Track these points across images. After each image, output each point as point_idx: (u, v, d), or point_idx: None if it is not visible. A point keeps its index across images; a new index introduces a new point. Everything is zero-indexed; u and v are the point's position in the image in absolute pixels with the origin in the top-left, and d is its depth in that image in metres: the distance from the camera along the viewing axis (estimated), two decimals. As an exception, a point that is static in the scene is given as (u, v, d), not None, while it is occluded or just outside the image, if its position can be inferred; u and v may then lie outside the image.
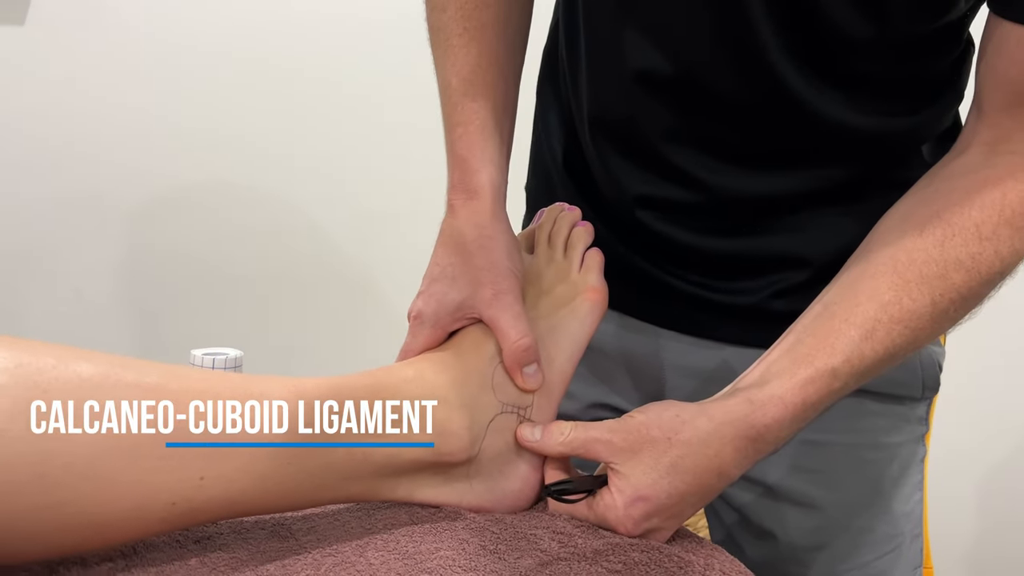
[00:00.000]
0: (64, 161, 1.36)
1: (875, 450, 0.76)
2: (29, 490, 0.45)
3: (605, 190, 0.77)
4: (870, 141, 0.70)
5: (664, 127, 0.71)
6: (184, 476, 0.50)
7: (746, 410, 0.60)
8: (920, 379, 0.75)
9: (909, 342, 0.61)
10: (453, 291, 0.66)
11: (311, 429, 0.55)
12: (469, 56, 0.71)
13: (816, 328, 0.62)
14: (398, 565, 0.53)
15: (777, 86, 0.66)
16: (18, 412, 0.45)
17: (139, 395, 0.49)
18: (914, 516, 0.78)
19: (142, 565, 0.51)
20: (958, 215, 0.61)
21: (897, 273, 0.62)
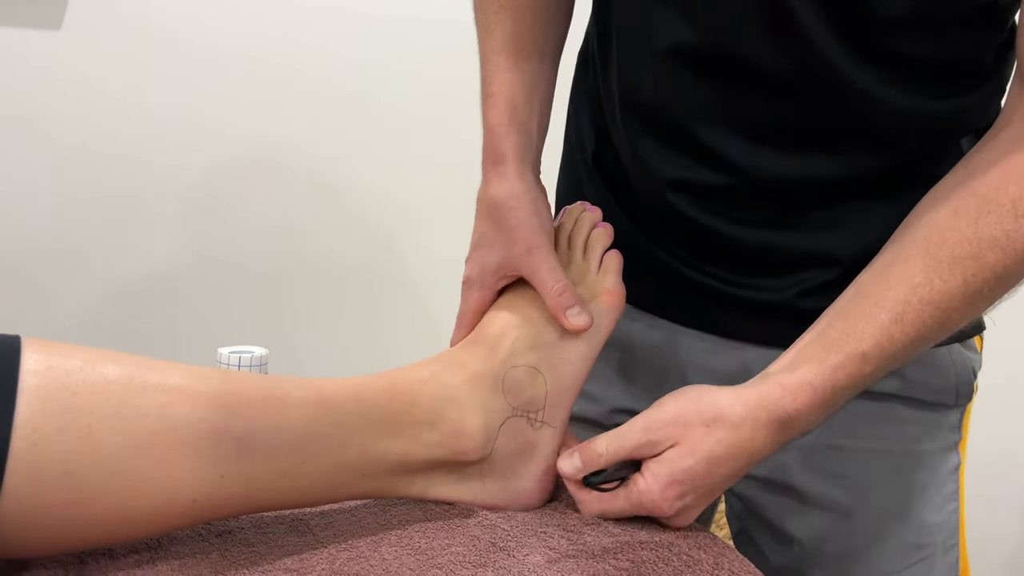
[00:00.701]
0: (98, 162, 1.39)
1: (905, 457, 0.74)
2: (57, 487, 0.47)
3: (635, 179, 0.77)
4: (907, 123, 0.67)
5: (696, 106, 0.70)
6: (205, 474, 0.52)
7: (777, 395, 0.60)
8: (953, 386, 0.74)
9: (940, 324, 0.60)
10: (491, 253, 0.70)
11: (329, 429, 0.57)
12: (504, 30, 0.74)
13: (847, 312, 0.62)
14: (410, 560, 0.55)
15: (814, 59, 0.64)
16: (49, 412, 0.47)
17: (164, 396, 0.51)
18: (948, 527, 0.76)
19: (166, 558, 0.54)
20: (994, 191, 0.59)
21: (929, 254, 0.60)
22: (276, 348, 1.02)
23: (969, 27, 0.66)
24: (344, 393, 0.59)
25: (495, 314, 0.70)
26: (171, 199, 1.44)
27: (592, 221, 0.74)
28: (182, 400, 0.52)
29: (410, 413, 0.61)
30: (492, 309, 0.70)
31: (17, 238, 1.35)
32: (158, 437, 0.50)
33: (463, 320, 0.71)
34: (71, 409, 0.48)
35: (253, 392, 0.55)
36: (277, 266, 1.52)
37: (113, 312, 1.42)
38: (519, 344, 0.66)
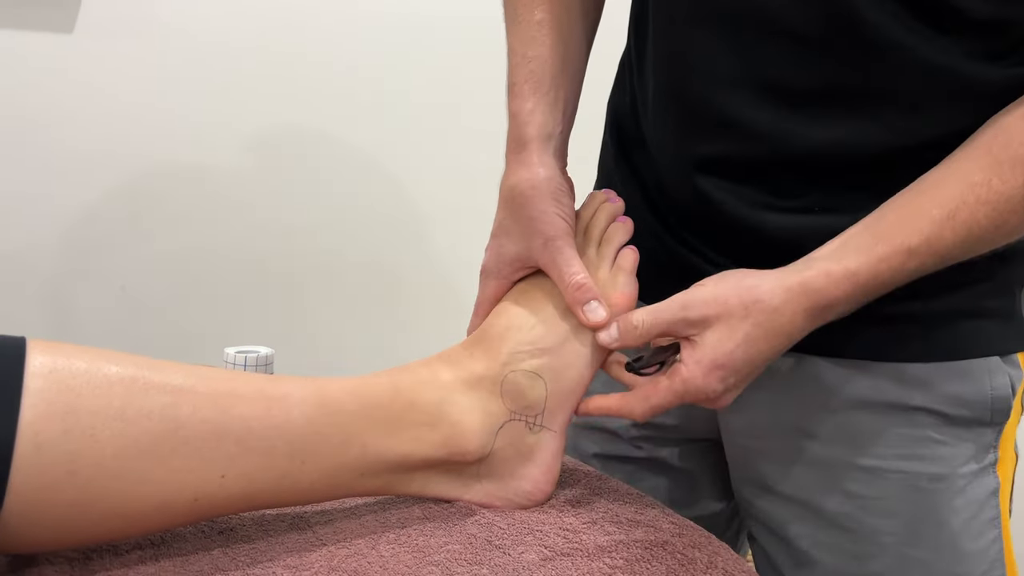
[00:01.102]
0: (109, 163, 1.41)
1: (936, 480, 0.70)
2: (62, 487, 0.48)
3: (662, 164, 0.75)
4: (946, 84, 0.64)
5: (721, 70, 0.68)
6: (206, 475, 0.53)
7: (821, 284, 0.61)
8: (988, 401, 0.70)
9: (996, 226, 0.59)
10: (509, 243, 0.69)
11: (329, 429, 0.58)
12: (531, 23, 0.73)
13: (901, 205, 0.61)
14: (408, 558, 0.56)
15: (845, 13, 0.62)
16: (53, 414, 0.48)
17: (167, 397, 0.52)
18: (988, 556, 0.71)
19: (169, 554, 0.55)
20: None
21: (992, 154, 0.59)
22: (282, 348, 1.03)
23: None
24: (345, 393, 0.60)
25: (503, 309, 0.69)
26: (181, 198, 1.46)
27: (612, 213, 0.72)
28: (184, 401, 0.53)
29: (410, 413, 0.61)
30: (503, 301, 0.69)
31: (30, 236, 1.37)
32: (160, 438, 0.51)
33: (480, 309, 0.71)
34: (75, 411, 0.49)
35: (254, 392, 0.56)
36: (283, 265, 1.54)
37: (122, 310, 1.44)
38: (521, 347, 0.66)
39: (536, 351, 0.66)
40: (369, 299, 1.60)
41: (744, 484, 0.79)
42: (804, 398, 0.73)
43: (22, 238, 1.37)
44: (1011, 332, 0.71)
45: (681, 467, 0.84)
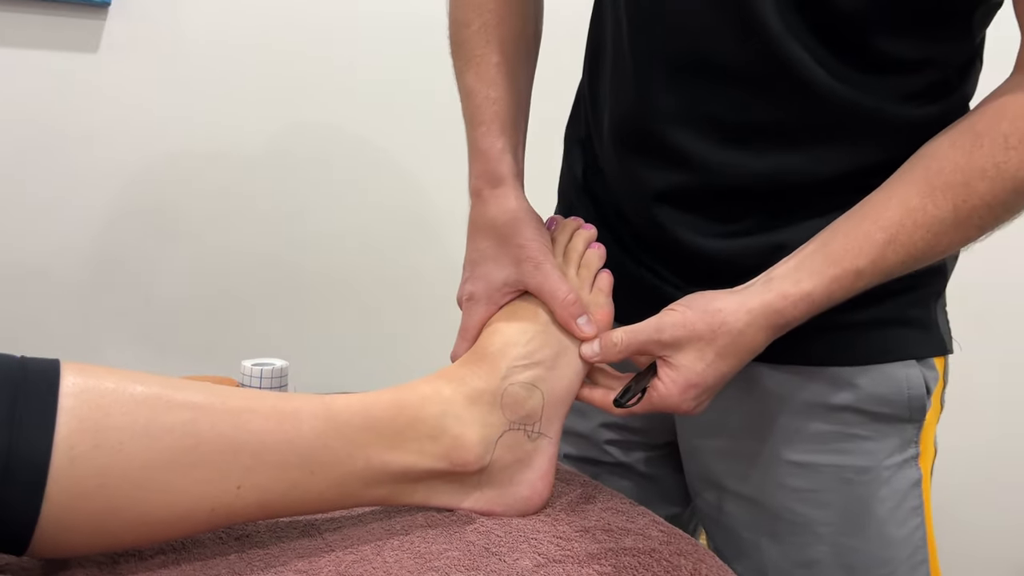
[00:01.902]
0: (133, 177, 1.45)
1: (863, 472, 0.77)
2: (92, 497, 0.53)
3: (622, 195, 0.81)
4: (875, 124, 0.71)
5: (667, 108, 0.74)
6: (224, 486, 0.57)
7: (781, 305, 0.67)
8: (906, 400, 0.76)
9: (930, 246, 0.66)
10: (498, 269, 0.75)
11: (337, 442, 0.62)
12: (491, 65, 0.79)
13: (848, 229, 0.67)
14: (410, 563, 0.60)
15: (780, 59, 0.69)
16: (84, 430, 0.52)
17: (188, 414, 0.56)
18: (913, 541, 0.78)
19: (189, 559, 0.59)
20: (989, 127, 0.64)
21: (926, 180, 0.65)
22: (296, 359, 1.07)
23: (938, 34, 0.69)
24: (351, 409, 0.64)
25: (496, 329, 0.74)
26: (201, 211, 1.50)
27: (587, 239, 0.78)
28: (203, 417, 0.57)
29: (413, 427, 0.65)
30: (492, 323, 0.74)
31: (56, 249, 1.41)
32: (181, 452, 0.56)
33: (467, 334, 0.75)
34: (104, 427, 0.53)
35: (267, 409, 0.60)
36: (299, 278, 1.58)
37: (144, 321, 1.48)
38: (518, 361, 0.71)
39: (532, 364, 0.71)
40: (381, 311, 1.64)
41: (695, 480, 0.86)
42: (748, 401, 0.79)
43: (49, 249, 1.41)
44: (927, 339, 0.78)
45: (645, 472, 0.91)
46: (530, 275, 0.73)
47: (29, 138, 1.38)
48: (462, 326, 0.76)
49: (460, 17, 0.80)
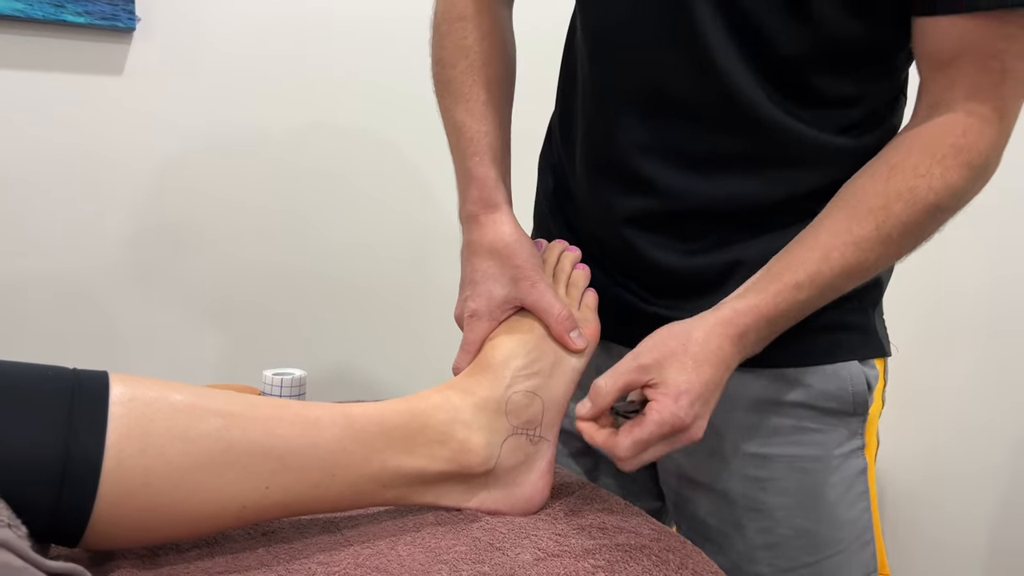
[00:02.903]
0: (157, 193, 1.51)
1: (815, 461, 0.84)
2: (137, 495, 0.59)
3: (593, 218, 0.88)
4: (817, 153, 0.79)
5: (635, 139, 0.82)
6: (253, 486, 0.63)
7: (730, 316, 0.74)
8: (850, 396, 0.84)
9: (860, 262, 0.74)
10: (497, 288, 0.82)
11: (355, 447, 0.68)
12: (480, 102, 0.87)
13: (787, 253, 0.76)
14: (422, 557, 0.66)
15: (733, 96, 0.77)
16: (131, 435, 0.59)
17: (221, 420, 0.63)
18: (860, 523, 0.86)
19: (222, 552, 0.65)
20: (900, 159, 0.74)
21: (850, 207, 0.74)
22: (313, 368, 1.13)
23: (867, 73, 0.79)
24: (368, 416, 0.70)
25: (498, 343, 0.80)
26: (220, 228, 1.56)
27: (573, 261, 0.86)
28: (235, 424, 0.63)
29: (424, 433, 0.72)
30: (493, 338, 0.81)
31: (86, 264, 1.47)
32: (216, 456, 0.62)
33: (470, 348, 0.82)
34: (148, 433, 0.59)
35: (292, 417, 0.67)
36: (315, 291, 1.63)
37: (172, 332, 1.54)
38: (520, 372, 0.77)
39: (532, 374, 0.78)
40: (395, 322, 1.70)
41: (667, 475, 0.92)
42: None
43: (75, 264, 1.46)
44: (867, 342, 0.86)
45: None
46: (527, 293, 0.80)
47: (58, 156, 1.44)
48: (464, 340, 0.82)
49: (446, 58, 0.88)
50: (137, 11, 1.44)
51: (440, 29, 0.89)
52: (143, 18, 1.46)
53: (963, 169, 0.72)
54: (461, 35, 0.87)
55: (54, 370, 0.61)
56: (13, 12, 1.36)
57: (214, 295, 1.57)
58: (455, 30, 0.88)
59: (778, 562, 0.85)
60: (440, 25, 0.90)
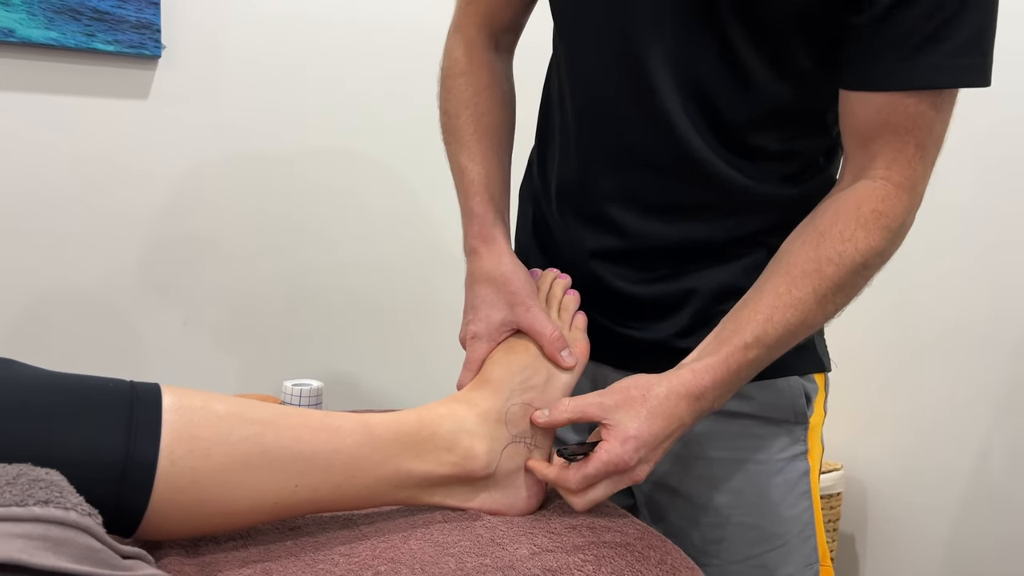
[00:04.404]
0: (180, 211, 1.59)
1: (759, 463, 0.95)
2: (186, 492, 0.67)
3: (565, 250, 0.98)
4: (760, 202, 0.90)
5: (602, 188, 0.93)
6: (284, 485, 0.72)
7: (688, 378, 0.82)
8: (791, 407, 0.95)
9: (801, 322, 0.82)
10: (495, 312, 0.91)
11: (372, 452, 0.77)
12: (480, 149, 0.98)
13: (734, 317, 0.84)
14: (431, 550, 0.75)
15: (690, 155, 0.88)
16: (181, 439, 0.67)
17: (257, 427, 0.71)
18: (802, 520, 0.96)
19: (255, 544, 0.74)
20: (827, 226, 0.83)
21: (788, 273, 0.83)
22: (328, 380, 1.20)
23: (803, 131, 0.89)
24: (384, 424, 0.79)
25: (497, 360, 0.89)
26: (238, 243, 1.65)
27: (564, 287, 0.95)
28: (269, 431, 0.72)
29: (433, 440, 0.80)
30: (493, 356, 0.90)
31: (111, 278, 1.56)
32: (253, 458, 0.70)
33: (472, 366, 0.91)
34: (195, 437, 0.68)
35: (318, 425, 0.75)
36: (329, 305, 1.72)
37: (191, 343, 1.62)
38: (517, 386, 0.86)
39: (528, 388, 0.86)
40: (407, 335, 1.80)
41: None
42: None
43: (99, 278, 1.55)
44: (807, 359, 0.96)
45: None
46: (522, 316, 0.90)
47: (85, 176, 1.53)
48: (467, 359, 0.91)
49: (451, 109, 0.99)
50: (163, 40, 1.54)
51: (445, 84, 1.01)
52: (168, 46, 1.55)
53: (883, 231, 0.82)
54: (462, 89, 0.99)
55: (114, 382, 0.69)
56: (48, 41, 1.46)
57: (234, 309, 1.65)
58: (457, 85, 0.99)
59: (727, 555, 0.95)
60: (445, 80, 1.01)
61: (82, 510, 0.56)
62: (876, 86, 0.81)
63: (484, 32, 1.02)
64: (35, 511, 0.53)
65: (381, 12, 1.72)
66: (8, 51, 1.45)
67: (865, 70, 0.82)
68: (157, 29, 1.53)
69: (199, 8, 1.57)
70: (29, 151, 1.49)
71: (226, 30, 1.60)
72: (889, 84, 0.80)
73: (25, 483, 0.56)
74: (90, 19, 1.49)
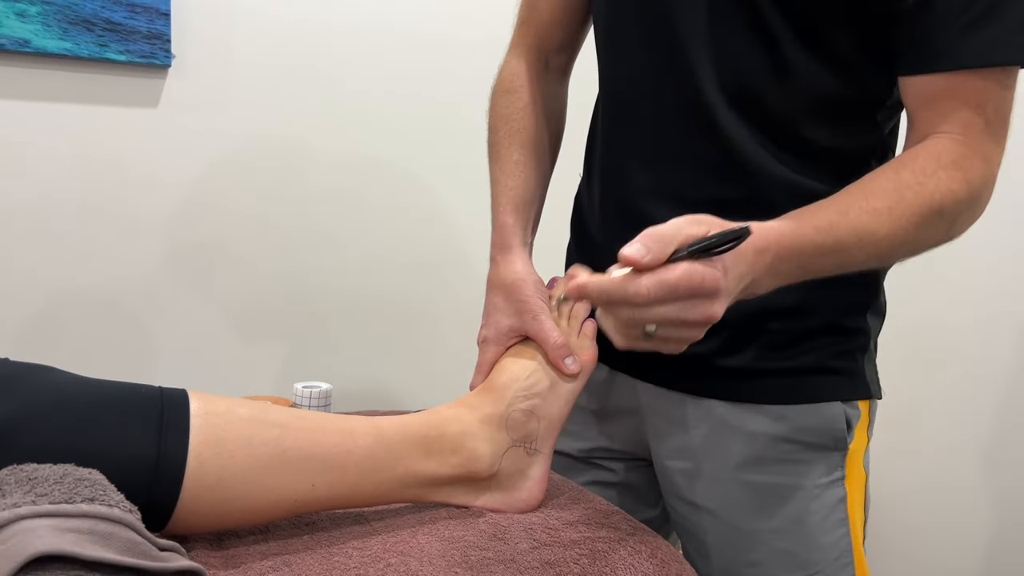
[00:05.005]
0: (190, 216, 1.63)
1: (796, 489, 0.93)
2: (213, 489, 0.73)
3: (608, 255, 0.99)
4: (798, 196, 0.83)
5: (642, 185, 0.94)
6: (302, 484, 0.77)
7: (756, 228, 0.72)
8: (830, 431, 0.93)
9: (871, 231, 0.77)
10: (504, 318, 0.95)
11: (383, 453, 0.82)
12: (511, 161, 1.02)
13: (808, 209, 0.78)
14: (438, 545, 0.80)
15: (731, 150, 0.87)
16: (208, 442, 0.72)
17: (277, 430, 0.77)
18: (839, 548, 0.94)
19: (275, 538, 0.79)
20: (907, 160, 0.80)
21: (864, 188, 0.79)
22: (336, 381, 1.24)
23: (853, 127, 0.88)
24: (393, 428, 0.84)
25: (503, 367, 0.94)
26: (248, 248, 1.69)
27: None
28: (288, 434, 0.77)
29: (440, 443, 0.85)
30: (501, 363, 0.95)
31: (122, 280, 1.59)
32: (274, 458, 0.76)
33: (482, 369, 0.96)
34: (221, 440, 0.73)
35: (333, 428, 0.81)
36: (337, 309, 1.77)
37: (200, 344, 1.67)
38: (519, 393, 0.91)
39: (531, 395, 0.91)
40: (415, 337, 1.84)
41: (670, 497, 1.04)
42: (706, 430, 0.97)
43: (111, 280, 1.59)
44: (852, 385, 0.96)
45: (624, 480, 1.09)
46: (529, 323, 0.94)
47: (97, 181, 1.56)
48: (478, 363, 0.96)
49: (492, 125, 1.05)
50: (173, 50, 1.58)
51: (492, 101, 1.06)
52: (177, 56, 1.59)
53: (963, 183, 0.78)
54: (506, 105, 1.04)
55: (144, 388, 0.75)
56: (62, 51, 1.50)
57: (243, 311, 1.69)
58: (502, 102, 1.05)
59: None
60: (493, 97, 1.07)
61: (124, 507, 0.61)
62: (935, 67, 0.79)
63: (534, 52, 1.07)
64: (83, 508, 0.59)
65: (389, 18, 1.76)
66: (24, 61, 1.50)
67: (920, 54, 0.80)
68: (167, 40, 1.57)
69: (207, 20, 1.62)
70: (43, 157, 1.53)
71: (233, 41, 1.65)
72: (947, 64, 0.78)
73: (71, 482, 0.61)
74: (103, 30, 1.53)
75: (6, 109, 1.49)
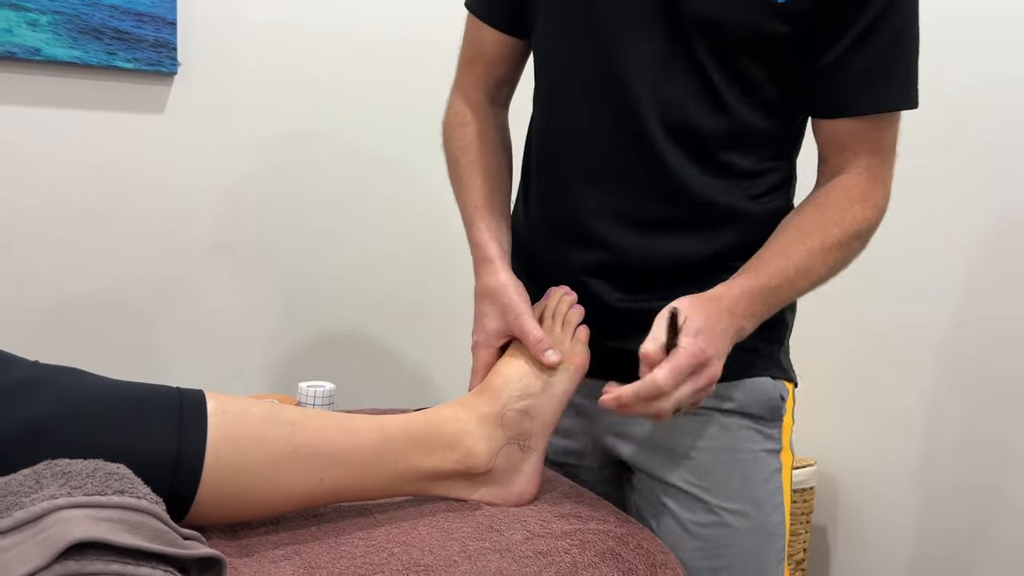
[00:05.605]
0: (195, 219, 1.68)
1: (741, 453, 1.05)
2: (229, 483, 0.78)
3: (551, 271, 1.07)
4: (733, 217, 1.02)
5: (589, 206, 1.03)
6: (311, 479, 0.82)
7: (722, 291, 0.93)
8: (767, 402, 1.05)
9: (811, 266, 0.95)
10: (491, 322, 1.02)
11: (386, 449, 0.87)
12: (476, 185, 1.11)
13: (758, 256, 0.97)
14: (437, 535, 0.85)
15: (670, 175, 0.99)
16: (225, 438, 0.78)
17: (288, 428, 0.82)
18: (773, 500, 1.06)
19: (284, 529, 0.84)
20: (825, 200, 0.99)
21: (797, 229, 0.98)
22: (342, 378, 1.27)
23: (769, 155, 1.03)
24: (396, 425, 0.89)
25: (498, 369, 0.99)
26: (250, 250, 1.74)
27: (569, 303, 1.04)
28: (298, 431, 0.83)
29: (439, 440, 0.91)
30: (497, 365, 1.00)
31: (130, 283, 1.64)
32: (285, 454, 0.81)
33: (478, 372, 1.02)
34: (237, 437, 0.79)
35: (339, 426, 0.86)
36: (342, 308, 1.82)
37: (206, 345, 1.71)
38: (514, 393, 0.96)
39: (525, 395, 0.97)
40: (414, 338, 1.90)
41: (639, 473, 1.09)
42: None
43: (119, 283, 1.64)
44: (774, 365, 1.08)
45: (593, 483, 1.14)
46: (512, 322, 1.00)
47: (105, 186, 1.61)
48: (473, 367, 1.02)
49: (452, 154, 1.14)
50: (179, 58, 1.63)
51: (446, 135, 1.15)
52: (183, 64, 1.64)
53: (873, 209, 0.99)
54: (460, 138, 1.13)
55: (164, 389, 0.80)
56: (71, 59, 1.55)
57: (248, 312, 1.74)
58: (456, 135, 1.13)
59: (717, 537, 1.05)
60: (446, 131, 1.16)
61: (151, 499, 0.66)
62: (843, 113, 0.99)
63: (481, 88, 1.15)
64: (114, 499, 0.64)
65: (392, 26, 1.81)
66: (34, 69, 1.54)
67: (832, 102, 1.00)
68: (173, 48, 1.62)
69: (212, 28, 1.66)
70: (53, 162, 1.57)
71: (237, 49, 1.70)
72: (852, 111, 0.99)
73: (102, 476, 0.67)
74: (111, 38, 1.58)
75: (18, 115, 1.54)
